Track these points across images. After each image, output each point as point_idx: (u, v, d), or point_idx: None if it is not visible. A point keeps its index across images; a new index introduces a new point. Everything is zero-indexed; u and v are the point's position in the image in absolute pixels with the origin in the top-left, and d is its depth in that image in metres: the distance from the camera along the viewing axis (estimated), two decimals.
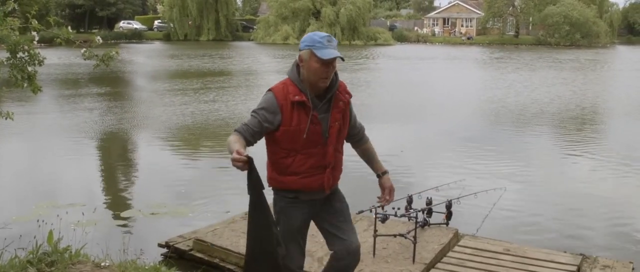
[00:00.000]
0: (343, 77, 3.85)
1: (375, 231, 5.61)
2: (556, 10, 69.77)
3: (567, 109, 18.80)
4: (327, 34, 3.68)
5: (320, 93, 3.71)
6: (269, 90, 3.72)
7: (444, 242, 6.06)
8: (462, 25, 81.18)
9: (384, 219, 5.70)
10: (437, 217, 6.57)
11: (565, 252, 6.12)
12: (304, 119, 3.65)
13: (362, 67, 35.61)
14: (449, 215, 6.53)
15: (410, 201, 6.26)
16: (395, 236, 5.83)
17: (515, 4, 78.77)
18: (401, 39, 72.58)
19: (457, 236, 6.40)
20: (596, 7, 73.76)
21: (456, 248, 6.05)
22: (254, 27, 74.82)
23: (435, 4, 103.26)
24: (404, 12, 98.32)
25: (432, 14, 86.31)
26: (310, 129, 3.65)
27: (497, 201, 7.89)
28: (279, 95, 3.65)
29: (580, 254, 6.02)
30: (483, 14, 79.06)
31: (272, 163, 3.84)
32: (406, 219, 5.91)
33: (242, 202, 8.08)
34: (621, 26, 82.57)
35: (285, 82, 3.72)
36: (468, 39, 75.29)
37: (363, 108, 19.07)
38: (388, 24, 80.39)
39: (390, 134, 14.87)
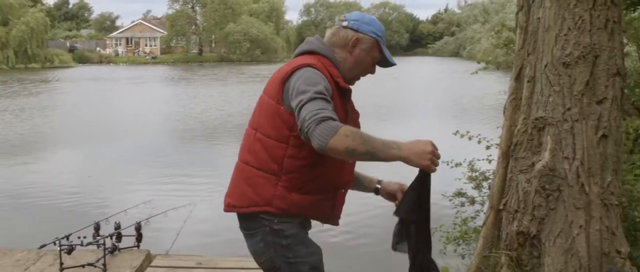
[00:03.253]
0: (16, 103, 3.57)
1: (61, 264, 5.37)
2: (236, 28, 73.21)
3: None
4: None
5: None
6: (307, 65, 2.47)
7: (136, 265, 5.99)
8: (146, 45, 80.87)
9: (70, 250, 5.45)
10: (128, 241, 6.46)
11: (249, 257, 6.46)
12: (341, 113, 2.47)
13: (40, 91, 33.58)
14: (139, 237, 6.44)
15: (97, 227, 6.06)
16: (83, 266, 5.61)
17: (197, 22, 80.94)
18: (83, 60, 69.87)
19: (149, 257, 6.36)
20: (273, 25, 79.19)
21: (148, 269, 6.03)
22: None
23: (118, 23, 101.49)
24: (84, 32, 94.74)
25: (115, 33, 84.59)
26: None
27: (188, 217, 8.01)
28: (325, 73, 2.48)
29: None
30: (166, 33, 79.79)
31: (283, 172, 2.53)
32: (95, 246, 5.71)
33: None
34: (296, 41, 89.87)
35: (321, 60, 2.55)
36: (153, 58, 75.34)
37: (43, 135, 18.08)
38: (68, 45, 76.73)
39: (77, 160, 14.28)
